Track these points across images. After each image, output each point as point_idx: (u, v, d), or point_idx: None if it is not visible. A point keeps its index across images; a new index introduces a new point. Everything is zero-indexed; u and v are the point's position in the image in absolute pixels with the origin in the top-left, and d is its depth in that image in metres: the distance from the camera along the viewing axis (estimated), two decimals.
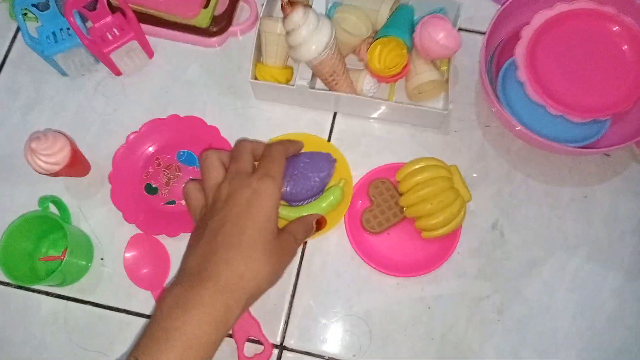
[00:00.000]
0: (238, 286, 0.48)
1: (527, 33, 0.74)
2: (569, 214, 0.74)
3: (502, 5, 0.74)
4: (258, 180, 0.53)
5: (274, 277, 0.52)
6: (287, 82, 0.78)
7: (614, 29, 0.73)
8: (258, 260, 0.50)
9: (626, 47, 0.72)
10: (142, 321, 0.71)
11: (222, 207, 0.53)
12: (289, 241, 0.55)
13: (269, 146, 0.60)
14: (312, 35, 0.67)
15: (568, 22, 0.74)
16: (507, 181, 0.76)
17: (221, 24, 0.81)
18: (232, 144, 0.76)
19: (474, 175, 0.76)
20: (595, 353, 0.69)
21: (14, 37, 0.85)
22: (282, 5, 0.66)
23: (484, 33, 0.73)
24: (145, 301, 0.71)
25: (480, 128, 0.78)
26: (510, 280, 0.71)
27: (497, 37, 0.78)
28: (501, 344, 0.69)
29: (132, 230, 0.73)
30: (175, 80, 0.82)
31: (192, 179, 0.70)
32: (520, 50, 0.73)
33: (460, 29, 0.79)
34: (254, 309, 0.70)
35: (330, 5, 0.78)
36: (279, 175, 0.55)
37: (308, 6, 0.68)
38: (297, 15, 0.66)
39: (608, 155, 0.76)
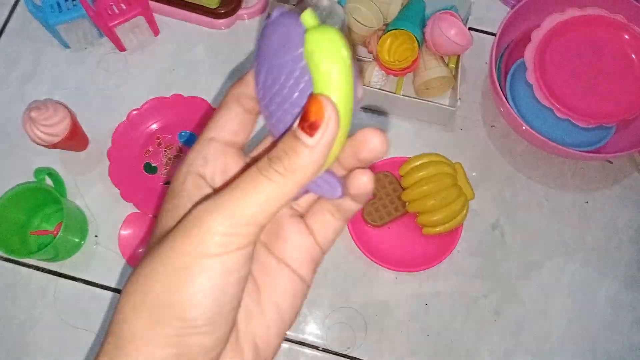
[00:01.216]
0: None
1: (537, 35, 0.74)
2: (569, 219, 0.74)
3: (514, 7, 0.74)
4: None
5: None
6: None
7: (624, 37, 0.73)
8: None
9: (635, 55, 0.73)
10: None
11: None
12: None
13: None
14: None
15: (578, 28, 0.74)
16: (509, 182, 0.75)
17: (230, 6, 0.80)
18: None
19: (474, 174, 0.75)
20: (588, 358, 0.69)
21: (15, 3, 0.83)
22: None
23: (492, 34, 0.73)
24: None
25: (485, 127, 0.78)
26: (508, 281, 0.71)
27: (507, 37, 0.78)
28: (496, 344, 0.69)
29: (128, 208, 0.71)
30: (180, 59, 0.80)
31: None
32: (530, 52, 0.73)
33: (469, 29, 0.79)
34: None
35: None
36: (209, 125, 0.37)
37: None
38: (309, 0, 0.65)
39: (611, 162, 0.76)
